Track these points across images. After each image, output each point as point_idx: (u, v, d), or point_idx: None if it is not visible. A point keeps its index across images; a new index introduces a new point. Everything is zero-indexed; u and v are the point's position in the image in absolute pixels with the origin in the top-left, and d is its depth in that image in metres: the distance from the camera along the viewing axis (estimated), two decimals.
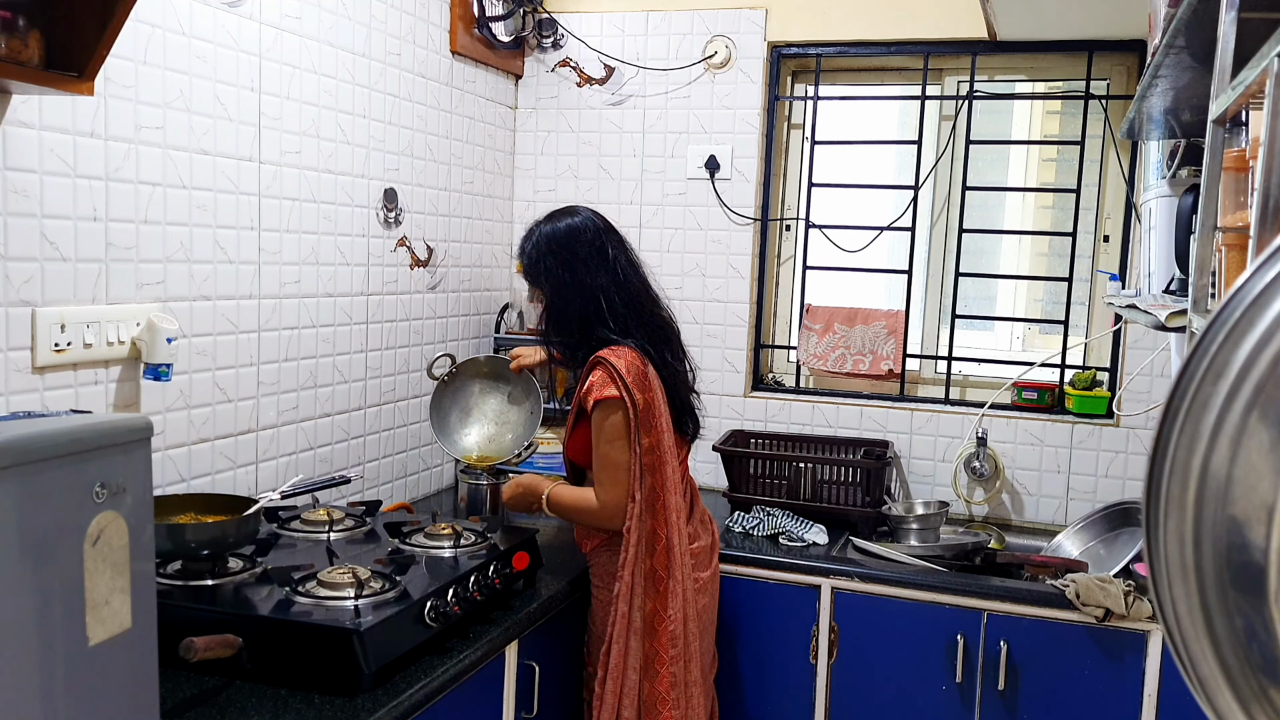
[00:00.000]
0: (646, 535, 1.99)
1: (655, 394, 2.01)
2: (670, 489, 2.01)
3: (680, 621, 2.00)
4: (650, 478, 1.99)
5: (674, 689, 1.99)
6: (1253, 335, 0.59)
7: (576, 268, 2.03)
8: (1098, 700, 2.19)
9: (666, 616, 1.99)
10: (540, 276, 2.07)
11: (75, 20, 1.49)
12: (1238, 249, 1.17)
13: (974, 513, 2.87)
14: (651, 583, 2.00)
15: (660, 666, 1.99)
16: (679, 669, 2.01)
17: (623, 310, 2.04)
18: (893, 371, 2.94)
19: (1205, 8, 1.26)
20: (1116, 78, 2.85)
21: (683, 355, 2.17)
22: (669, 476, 2.01)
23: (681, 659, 2.01)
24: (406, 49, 2.57)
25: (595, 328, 2.03)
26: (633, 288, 2.07)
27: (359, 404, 2.49)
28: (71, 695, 1.06)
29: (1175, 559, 0.63)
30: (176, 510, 1.77)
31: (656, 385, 2.02)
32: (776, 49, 3.01)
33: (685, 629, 2.02)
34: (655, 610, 2.00)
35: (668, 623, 1.99)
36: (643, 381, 1.99)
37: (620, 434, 1.99)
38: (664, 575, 2.00)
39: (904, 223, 2.96)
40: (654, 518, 2.00)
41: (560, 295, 2.05)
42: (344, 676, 1.53)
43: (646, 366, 2.01)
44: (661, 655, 1.99)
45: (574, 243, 2.04)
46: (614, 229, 2.12)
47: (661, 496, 2.00)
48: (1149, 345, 2.71)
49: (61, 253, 1.68)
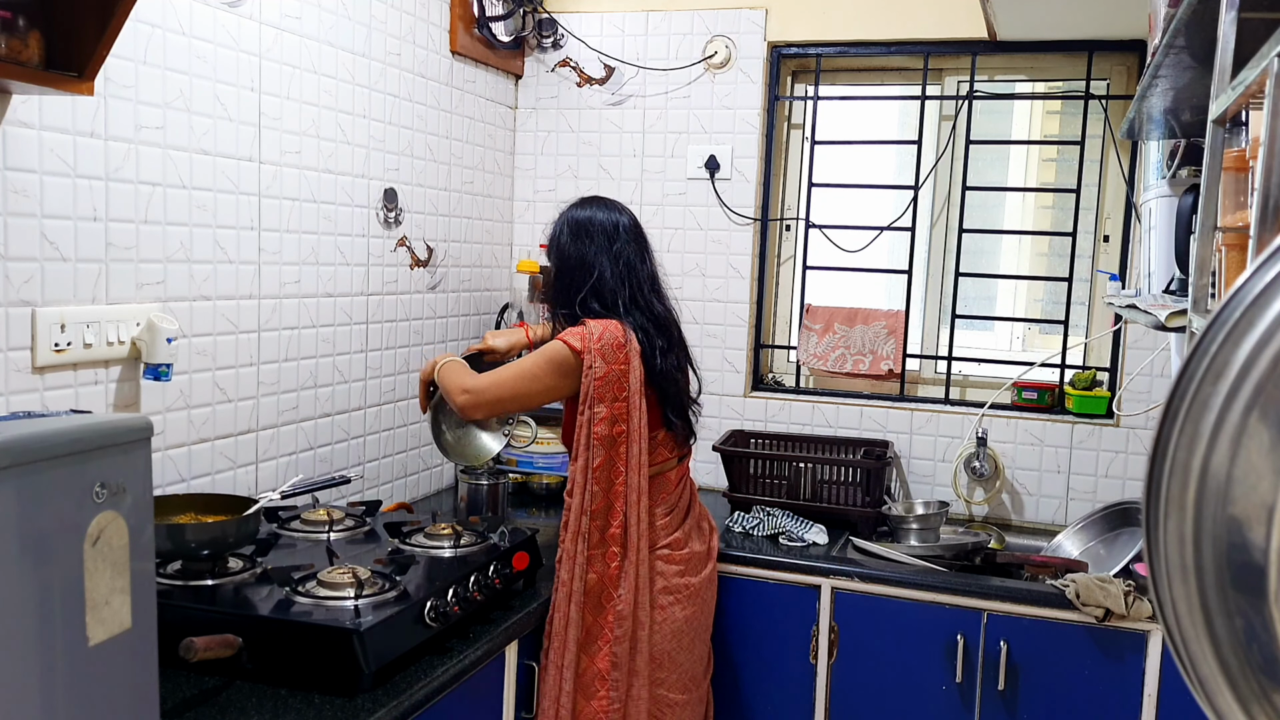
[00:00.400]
0: (598, 507, 2.00)
1: (628, 370, 2.02)
2: (633, 468, 2.02)
3: (630, 603, 2.00)
4: (606, 451, 2.01)
5: (615, 669, 1.99)
6: (1253, 335, 0.59)
7: (583, 244, 2.10)
8: (1098, 700, 2.19)
9: (616, 595, 1.99)
10: (552, 248, 2.15)
11: (75, 20, 1.49)
12: (1238, 249, 1.17)
13: (974, 513, 2.87)
14: (601, 555, 2.00)
15: (603, 644, 1.99)
16: (622, 650, 1.99)
17: (615, 289, 2.07)
18: (893, 371, 2.94)
19: (1205, 8, 1.26)
20: (1116, 78, 2.85)
21: (683, 358, 2.17)
22: (633, 456, 2.02)
23: (627, 640, 2.00)
24: (406, 49, 2.57)
25: (589, 300, 2.07)
26: (634, 275, 2.10)
27: (359, 404, 2.49)
28: (71, 695, 1.06)
29: (1175, 559, 0.63)
30: (176, 510, 1.77)
31: (634, 364, 2.03)
32: (776, 49, 3.01)
33: (635, 613, 2.01)
34: (602, 584, 2.00)
35: (616, 601, 1.99)
36: (614, 353, 2.01)
37: (549, 362, 2.01)
38: (618, 551, 2.00)
39: (904, 223, 2.96)
40: (609, 492, 2.01)
41: (563, 266, 2.12)
42: (344, 676, 1.53)
43: (628, 342, 2.03)
44: (606, 632, 1.99)
45: (590, 224, 2.12)
46: (638, 228, 2.17)
47: (623, 474, 2.01)
48: (1149, 345, 2.71)
49: (61, 253, 1.68)
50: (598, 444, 2.00)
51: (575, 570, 1.98)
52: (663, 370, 2.08)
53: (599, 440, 2.00)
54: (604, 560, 2.01)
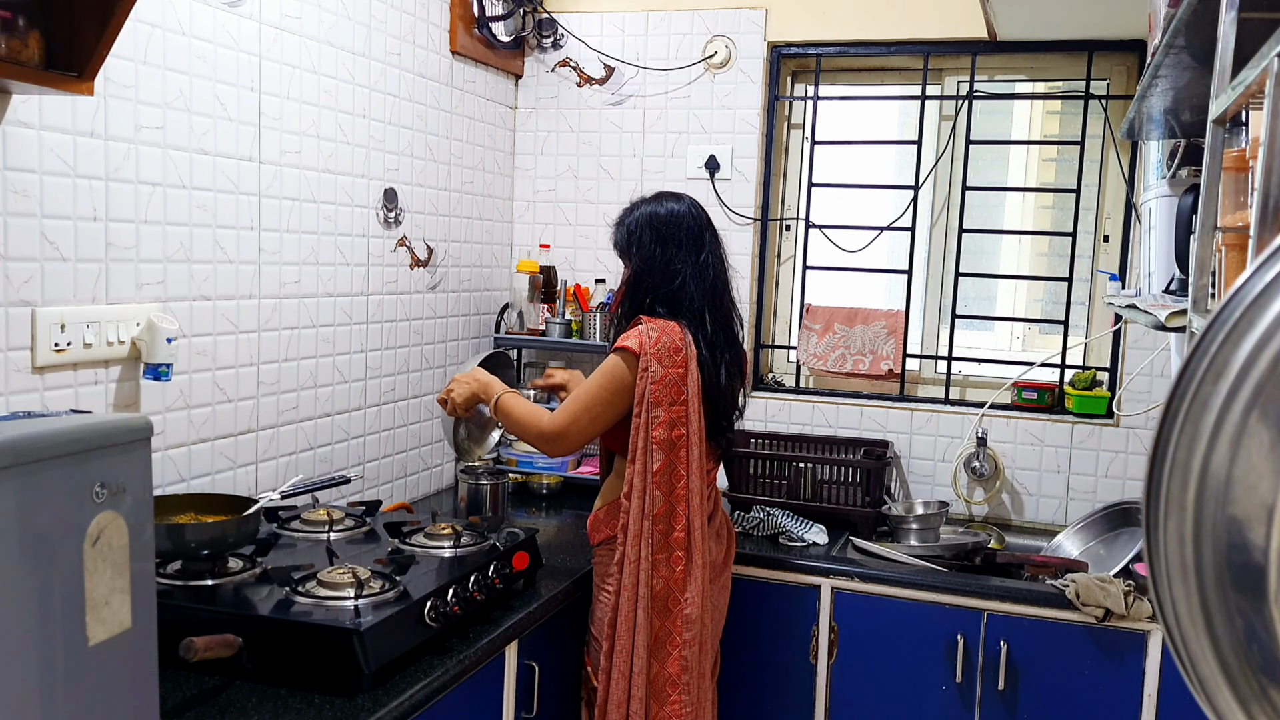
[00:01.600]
0: (660, 512, 1.97)
1: (686, 374, 1.98)
2: (694, 472, 1.99)
3: (697, 605, 1.99)
4: (666, 455, 1.97)
5: (685, 673, 1.98)
6: (1253, 335, 0.59)
7: (669, 248, 2.04)
8: (1098, 700, 2.19)
9: (683, 599, 1.97)
10: (633, 248, 2.07)
11: (75, 20, 1.49)
12: (1238, 249, 1.17)
13: (974, 513, 2.87)
14: (667, 560, 1.98)
15: (673, 648, 1.97)
16: (692, 654, 1.98)
17: (694, 296, 2.03)
18: (893, 371, 2.94)
19: (1205, 8, 1.26)
20: (1116, 78, 2.85)
21: (737, 371, 2.12)
22: (694, 460, 1.99)
23: (696, 644, 1.99)
24: (406, 49, 2.57)
25: (656, 305, 2.03)
26: (713, 283, 2.06)
27: (359, 404, 2.49)
28: (71, 695, 1.06)
29: (1175, 559, 0.63)
30: (176, 510, 1.77)
31: (692, 369, 1.99)
32: (776, 49, 3.01)
33: (701, 617, 2.00)
34: (669, 589, 1.98)
35: (684, 605, 1.97)
36: (670, 356, 1.97)
37: (614, 382, 1.98)
38: (683, 555, 1.98)
39: (904, 223, 2.96)
40: (670, 496, 1.98)
41: (647, 270, 2.05)
42: (344, 676, 1.53)
43: (685, 346, 1.99)
44: (675, 636, 1.97)
45: (675, 226, 2.05)
46: (713, 225, 2.12)
47: (684, 477, 1.98)
48: (1149, 345, 2.71)
49: (61, 253, 1.68)
50: (657, 448, 1.97)
51: (640, 575, 1.96)
52: (722, 386, 2.05)
53: (658, 444, 1.97)
54: (669, 564, 1.98)
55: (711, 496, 2.15)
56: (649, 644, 1.97)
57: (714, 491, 2.18)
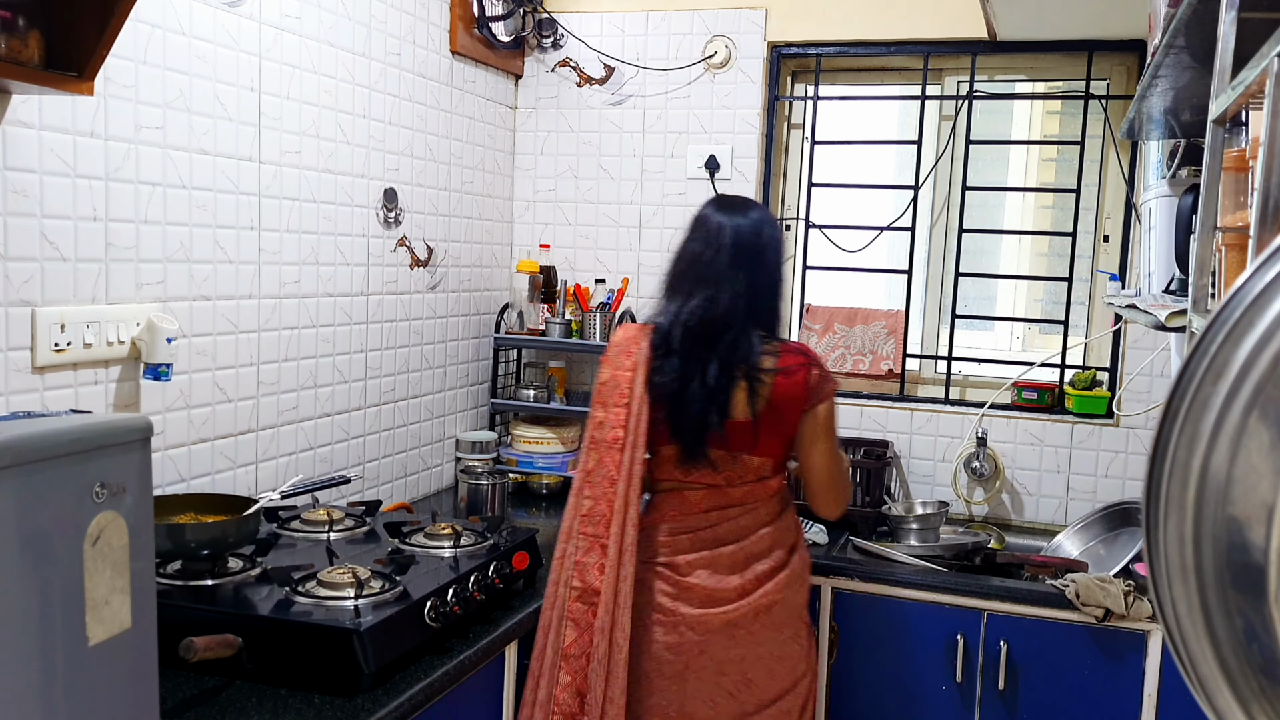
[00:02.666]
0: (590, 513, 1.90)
1: (634, 376, 1.92)
2: (624, 478, 1.88)
3: (554, 584, 1.90)
4: (600, 455, 1.91)
5: (536, 660, 1.90)
6: (1253, 335, 0.59)
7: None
8: (1098, 700, 2.19)
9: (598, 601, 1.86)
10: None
11: (75, 20, 1.49)
12: (1238, 249, 1.17)
13: (974, 513, 2.87)
14: (598, 564, 1.87)
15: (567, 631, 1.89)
16: (546, 637, 1.89)
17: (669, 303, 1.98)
18: (892, 371, 2.94)
19: (1205, 8, 1.26)
20: (1116, 78, 2.85)
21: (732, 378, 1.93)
22: (628, 463, 1.89)
23: (551, 629, 1.88)
24: (406, 49, 2.57)
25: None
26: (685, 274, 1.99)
27: (359, 404, 2.49)
28: (71, 695, 1.06)
29: (1175, 559, 0.63)
30: (176, 510, 1.77)
31: (640, 371, 1.92)
32: (776, 49, 3.01)
33: (556, 594, 1.89)
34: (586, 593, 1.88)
35: (553, 584, 1.91)
36: (616, 357, 1.95)
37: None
38: (601, 550, 1.88)
39: (904, 223, 2.96)
40: (601, 498, 1.90)
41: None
42: (344, 676, 1.53)
43: (639, 347, 1.94)
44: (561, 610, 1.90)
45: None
46: (701, 219, 2.03)
47: (615, 481, 1.89)
48: (1149, 345, 2.71)
49: (61, 253, 1.68)
50: (591, 447, 1.95)
51: (561, 574, 1.90)
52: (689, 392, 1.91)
53: (592, 444, 1.94)
54: (597, 569, 1.88)
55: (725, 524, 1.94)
56: (559, 648, 1.87)
57: (733, 521, 1.95)
